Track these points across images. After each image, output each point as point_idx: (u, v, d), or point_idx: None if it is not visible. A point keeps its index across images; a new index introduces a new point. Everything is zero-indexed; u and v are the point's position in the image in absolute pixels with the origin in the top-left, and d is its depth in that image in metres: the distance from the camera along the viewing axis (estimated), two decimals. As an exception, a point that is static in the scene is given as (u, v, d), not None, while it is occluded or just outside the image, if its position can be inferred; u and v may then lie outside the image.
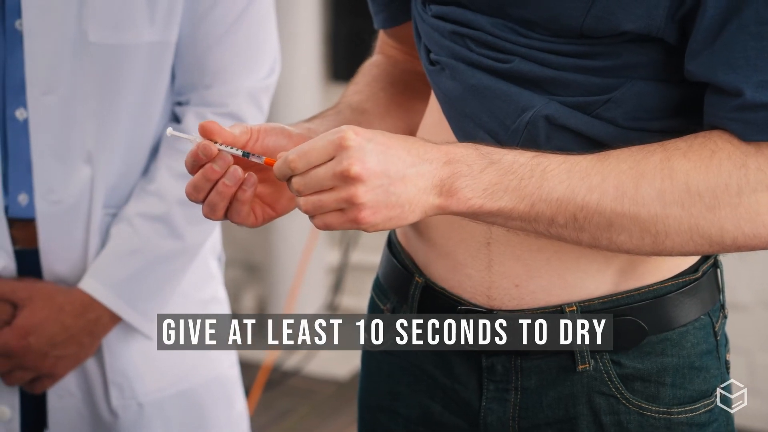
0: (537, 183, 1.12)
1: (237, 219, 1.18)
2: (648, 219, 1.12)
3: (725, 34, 1.10)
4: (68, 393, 1.67)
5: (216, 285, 1.80)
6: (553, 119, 1.18)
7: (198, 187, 1.16)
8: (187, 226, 1.67)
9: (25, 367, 1.63)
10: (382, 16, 1.40)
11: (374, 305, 1.40)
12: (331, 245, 4.08)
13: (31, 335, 1.61)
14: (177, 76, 1.67)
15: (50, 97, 1.58)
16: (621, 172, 1.12)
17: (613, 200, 1.11)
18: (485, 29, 1.21)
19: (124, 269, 1.64)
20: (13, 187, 1.62)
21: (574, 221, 1.12)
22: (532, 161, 1.13)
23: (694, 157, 1.12)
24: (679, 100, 1.19)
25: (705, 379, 1.26)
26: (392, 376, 1.37)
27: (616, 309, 1.22)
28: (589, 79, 1.18)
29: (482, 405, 1.28)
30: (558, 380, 1.25)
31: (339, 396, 3.69)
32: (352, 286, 3.96)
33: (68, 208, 1.62)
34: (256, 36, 1.70)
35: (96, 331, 1.64)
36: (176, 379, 1.71)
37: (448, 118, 1.26)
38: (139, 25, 1.59)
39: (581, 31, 1.16)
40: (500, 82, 1.20)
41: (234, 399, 1.79)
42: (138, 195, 1.66)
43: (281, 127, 1.21)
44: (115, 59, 1.59)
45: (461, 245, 1.26)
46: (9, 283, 1.63)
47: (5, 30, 1.58)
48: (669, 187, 1.11)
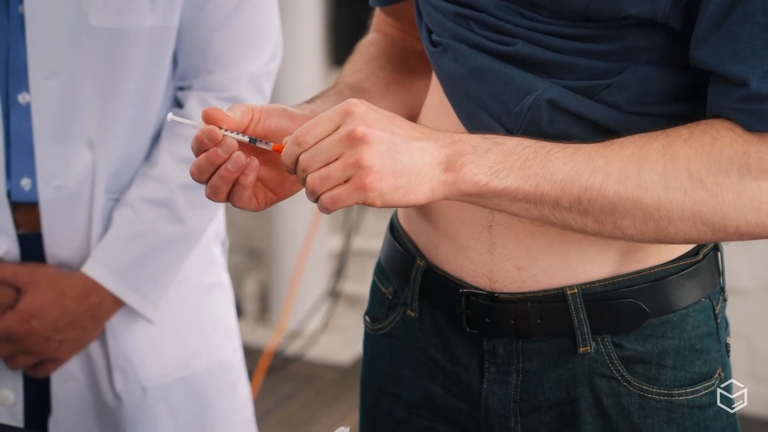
0: (541, 163, 1.12)
1: (239, 203, 1.18)
2: (651, 204, 1.12)
3: (731, 23, 1.10)
4: (72, 377, 1.67)
5: (219, 270, 1.80)
6: (556, 103, 1.18)
7: (201, 168, 1.16)
8: (190, 211, 1.67)
9: (28, 351, 1.63)
10: None
11: (376, 288, 1.41)
12: (333, 231, 4.08)
13: (33, 319, 1.62)
14: (179, 61, 1.67)
15: (52, 81, 1.58)
16: (624, 156, 1.12)
17: (616, 182, 1.12)
18: (489, 11, 1.21)
19: (127, 253, 1.65)
20: (15, 172, 1.62)
21: (578, 204, 1.12)
22: (536, 144, 1.13)
23: (695, 144, 1.12)
24: (682, 85, 1.18)
25: (705, 362, 1.26)
26: (394, 359, 1.37)
27: (617, 291, 1.23)
28: (593, 63, 1.18)
29: (483, 387, 1.28)
30: (559, 362, 1.25)
31: (341, 381, 3.70)
32: (354, 272, 3.97)
33: (71, 193, 1.62)
34: (259, 21, 1.69)
35: (98, 315, 1.65)
36: (180, 364, 1.72)
37: (451, 100, 1.26)
38: (140, 9, 1.59)
39: (586, 14, 1.15)
40: (503, 65, 1.20)
41: (238, 385, 1.79)
42: (140, 180, 1.66)
43: (284, 109, 1.21)
44: (116, 44, 1.59)
45: (463, 228, 1.27)
46: (11, 267, 1.63)
47: (9, 14, 1.58)
48: (671, 171, 1.11)
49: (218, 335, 1.77)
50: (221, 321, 1.78)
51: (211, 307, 1.77)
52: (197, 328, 1.75)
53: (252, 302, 4.11)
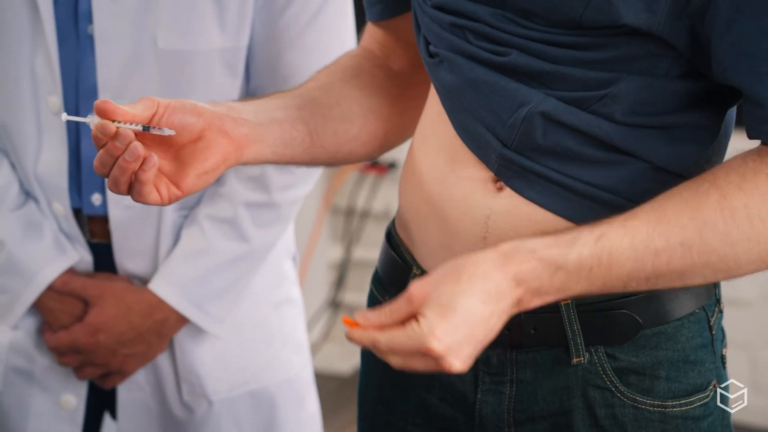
0: (606, 269, 1.13)
1: (139, 198, 1.19)
2: (718, 261, 1.13)
3: (744, 41, 1.11)
4: (138, 386, 1.70)
5: (290, 286, 1.81)
6: (549, 115, 1.19)
7: (103, 161, 1.18)
8: (255, 230, 1.69)
9: (96, 363, 1.67)
10: (379, 8, 1.39)
11: (373, 298, 1.41)
12: (333, 241, 4.08)
13: (100, 333, 1.65)
14: (251, 78, 1.68)
15: (121, 102, 1.59)
16: (683, 227, 1.12)
17: (681, 257, 1.12)
18: (484, 20, 1.21)
19: (192, 271, 1.67)
20: (86, 189, 1.65)
21: (646, 283, 1.14)
22: (596, 248, 1.12)
23: (750, 188, 1.12)
24: (678, 95, 1.19)
25: (700, 373, 1.26)
26: (390, 369, 1.36)
27: (611, 302, 1.23)
28: (586, 73, 1.18)
29: (478, 397, 1.28)
30: (553, 373, 1.25)
31: (342, 392, 3.69)
32: (355, 282, 3.97)
33: (140, 211, 1.65)
34: (329, 37, 1.68)
35: (163, 331, 1.68)
36: (247, 378, 1.73)
37: (447, 111, 1.27)
38: (209, 30, 1.59)
39: (580, 23, 1.16)
40: (497, 76, 1.21)
41: (306, 400, 1.81)
42: (208, 198, 1.69)
43: (192, 105, 1.22)
44: (185, 65, 1.60)
45: (458, 239, 1.27)
46: (81, 280, 1.66)
47: (78, 35, 1.59)
48: (733, 226, 1.12)
49: (287, 350, 1.79)
50: (290, 336, 1.80)
51: (280, 322, 1.78)
52: (266, 343, 1.76)
53: (253, 312, 4.11)
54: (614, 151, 1.20)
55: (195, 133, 1.22)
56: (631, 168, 1.20)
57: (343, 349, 3.90)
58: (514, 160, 1.21)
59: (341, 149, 1.37)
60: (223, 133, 1.24)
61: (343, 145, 1.37)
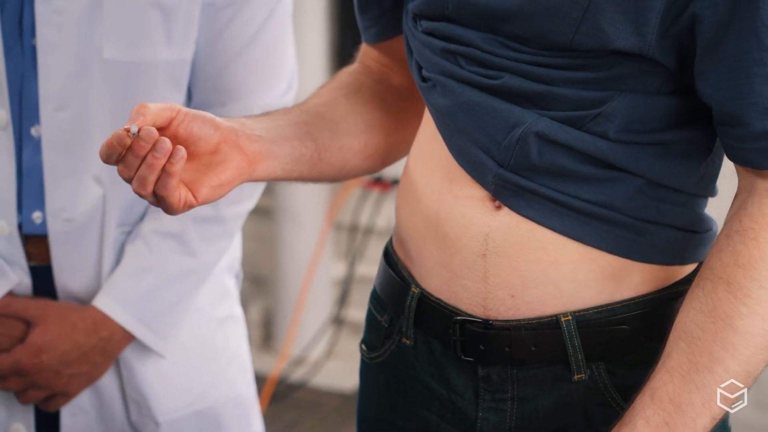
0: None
1: (164, 191, 1.18)
2: (757, 359, 1.18)
3: (728, 60, 1.11)
4: (81, 410, 1.66)
5: (232, 302, 1.79)
6: (543, 135, 1.19)
7: (129, 164, 1.17)
8: (202, 244, 1.66)
9: (39, 385, 1.62)
10: (374, 31, 1.40)
11: (372, 316, 1.41)
12: (336, 258, 4.08)
13: (43, 353, 1.61)
14: (193, 94, 1.66)
15: (63, 113, 1.57)
16: (716, 340, 1.16)
17: (737, 365, 1.18)
18: (475, 44, 1.22)
19: (137, 287, 1.63)
20: (27, 205, 1.61)
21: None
22: (661, 404, 1.16)
23: (745, 263, 1.14)
24: (671, 112, 1.19)
25: (700, 389, 1.25)
26: (389, 387, 1.37)
27: (611, 318, 1.23)
28: (579, 93, 1.19)
29: (479, 415, 1.28)
30: (554, 390, 1.25)
31: (345, 408, 3.69)
32: (358, 298, 3.96)
33: (80, 226, 1.61)
34: (274, 53, 1.68)
35: (109, 348, 1.63)
36: (194, 398, 1.70)
37: (442, 134, 1.27)
38: (155, 42, 1.58)
39: (571, 46, 1.16)
40: (491, 99, 1.21)
41: (251, 418, 1.78)
42: (153, 212, 1.65)
43: (210, 117, 1.23)
44: (129, 76, 1.58)
45: (457, 256, 1.27)
46: (22, 301, 1.62)
47: (23, 47, 1.58)
48: (739, 339, 1.15)
49: (232, 368, 1.76)
50: (235, 354, 1.77)
51: (225, 339, 1.76)
52: (211, 361, 1.73)
53: (256, 329, 4.11)
54: (609, 168, 1.20)
55: (212, 145, 1.22)
56: (626, 184, 1.21)
57: (346, 366, 3.90)
58: (511, 180, 1.22)
59: (347, 164, 1.38)
60: (238, 148, 1.24)
61: (349, 159, 1.37)
